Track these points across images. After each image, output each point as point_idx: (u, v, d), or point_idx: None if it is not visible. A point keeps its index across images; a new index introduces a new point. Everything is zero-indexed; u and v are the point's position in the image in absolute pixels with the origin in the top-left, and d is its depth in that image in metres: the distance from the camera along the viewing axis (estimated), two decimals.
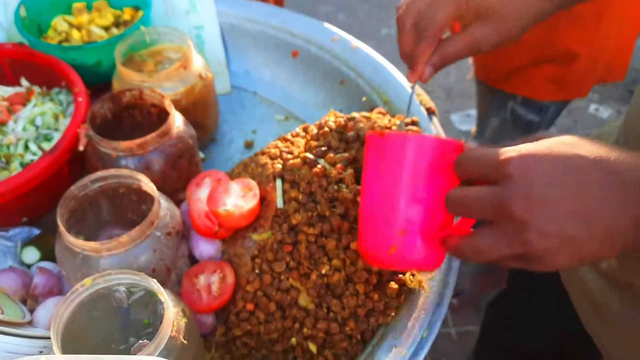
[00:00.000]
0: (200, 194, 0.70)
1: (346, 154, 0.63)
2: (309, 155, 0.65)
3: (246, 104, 0.93)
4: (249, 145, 0.87)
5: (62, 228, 0.59)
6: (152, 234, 0.61)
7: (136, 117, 0.76)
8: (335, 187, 0.61)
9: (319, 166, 0.63)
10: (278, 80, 0.95)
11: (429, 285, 0.62)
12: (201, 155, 0.77)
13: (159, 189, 0.64)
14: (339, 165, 0.62)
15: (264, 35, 0.95)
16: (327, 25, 0.94)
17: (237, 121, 0.90)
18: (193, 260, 0.69)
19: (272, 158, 0.69)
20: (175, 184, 0.72)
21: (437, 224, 0.48)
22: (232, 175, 0.74)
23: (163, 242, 0.62)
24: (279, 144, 0.72)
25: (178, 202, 0.72)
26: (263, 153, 0.71)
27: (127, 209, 0.70)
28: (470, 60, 2.48)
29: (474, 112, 2.29)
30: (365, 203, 0.51)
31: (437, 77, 2.44)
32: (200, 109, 0.80)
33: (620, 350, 0.63)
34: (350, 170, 0.62)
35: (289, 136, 0.72)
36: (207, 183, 0.72)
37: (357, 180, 0.62)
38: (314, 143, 0.67)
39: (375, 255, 0.50)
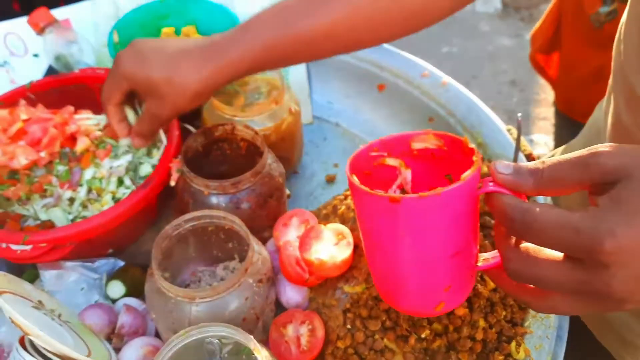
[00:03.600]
0: (288, 235, 0.68)
1: None
2: None
3: (328, 135, 0.90)
4: (330, 180, 0.84)
5: (156, 272, 0.57)
6: (244, 282, 0.58)
7: (225, 150, 0.74)
8: None
9: None
10: (361, 112, 0.92)
11: (537, 355, 0.58)
12: (287, 191, 0.75)
13: (246, 227, 0.62)
14: None
15: (348, 66, 0.92)
16: (416, 59, 0.90)
17: (318, 153, 0.88)
18: (278, 305, 0.66)
19: None
20: (263, 223, 0.70)
21: (475, 262, 0.44)
22: (320, 217, 0.71)
23: (255, 289, 0.59)
24: None
25: (263, 241, 0.70)
26: None
27: (213, 246, 0.68)
28: (537, 85, 2.41)
29: (536, 137, 2.21)
30: (394, 266, 0.45)
31: (500, 99, 2.38)
32: (288, 143, 0.78)
33: None
34: None
35: None
36: (294, 223, 0.69)
37: None
38: None
39: (419, 314, 0.48)
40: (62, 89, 0.77)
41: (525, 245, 0.38)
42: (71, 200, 0.67)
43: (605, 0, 1.22)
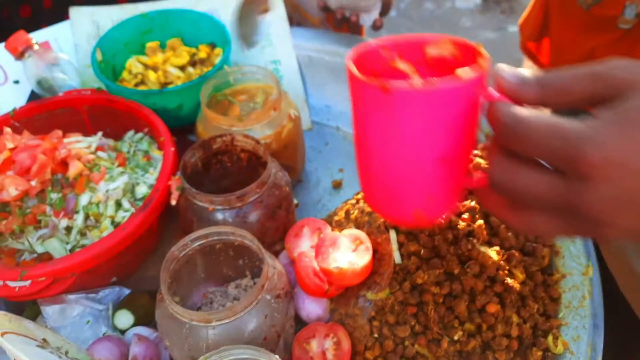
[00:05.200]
0: (301, 246, 0.64)
1: (472, 203, 0.57)
2: None
3: (330, 140, 0.87)
4: (337, 186, 0.81)
5: (166, 297, 0.53)
6: (262, 298, 0.55)
7: (225, 164, 0.71)
8: (466, 242, 0.54)
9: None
10: None
11: (576, 347, 0.55)
12: (295, 201, 0.72)
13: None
14: (465, 215, 0.56)
15: (343, 67, 0.89)
16: None
17: (322, 159, 0.85)
18: (297, 320, 0.63)
19: None
20: (273, 235, 0.66)
21: (463, 175, 0.41)
22: (332, 224, 0.68)
23: (273, 306, 0.56)
24: None
25: (275, 254, 0.66)
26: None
27: (223, 264, 0.65)
28: None
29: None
30: (374, 163, 0.42)
31: None
32: (290, 150, 0.75)
33: None
34: (480, 222, 0.55)
35: None
36: (306, 233, 0.66)
37: (489, 231, 0.55)
38: None
39: (393, 217, 0.45)
40: (48, 114, 0.74)
41: (514, 156, 0.35)
42: (68, 229, 0.63)
43: None
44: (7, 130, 0.68)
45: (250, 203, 0.63)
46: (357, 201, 0.67)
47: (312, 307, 0.61)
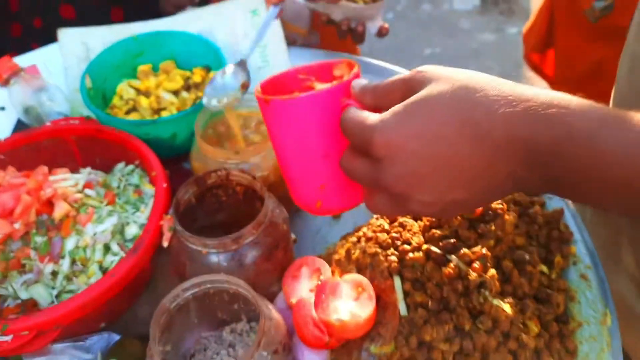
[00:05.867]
0: (300, 290, 0.61)
1: (483, 250, 0.53)
2: (435, 249, 0.55)
3: None
4: (336, 216, 0.77)
5: (155, 353, 0.50)
6: (258, 356, 0.52)
7: (220, 197, 0.67)
8: (477, 295, 0.51)
9: (452, 265, 0.53)
10: None
11: None
12: (292, 236, 0.68)
13: (252, 284, 0.55)
14: (476, 265, 0.52)
15: None
16: (400, 70, 0.84)
17: None
18: None
19: (383, 247, 0.59)
20: (270, 276, 0.63)
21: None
22: (331, 263, 0.65)
23: None
24: (384, 224, 0.62)
25: (272, 297, 0.63)
26: (369, 239, 0.61)
27: (217, 309, 0.61)
28: (525, 79, 2.37)
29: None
30: (281, 162, 0.50)
31: None
32: None
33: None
34: (492, 272, 0.52)
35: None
36: (304, 274, 0.63)
37: (501, 277, 0.52)
38: (436, 232, 0.57)
39: (307, 208, 0.52)
40: (34, 145, 0.70)
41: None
42: (54, 274, 0.59)
43: None
44: None
45: (246, 245, 0.59)
46: (359, 239, 0.63)
47: (311, 358, 0.57)
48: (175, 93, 0.79)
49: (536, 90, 0.39)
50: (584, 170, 0.37)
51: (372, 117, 0.41)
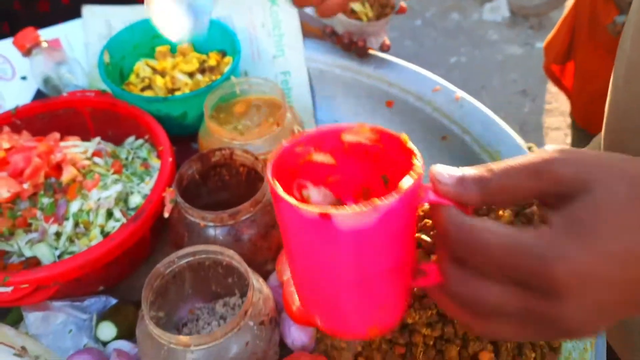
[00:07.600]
0: None
1: None
2: (425, 238, 0.56)
3: None
4: None
5: (147, 316, 0.52)
6: (244, 325, 0.53)
7: (223, 176, 0.69)
8: None
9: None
10: None
11: None
12: None
13: (247, 261, 0.57)
14: None
15: (356, 82, 0.87)
16: (426, 73, 0.85)
17: None
18: (282, 345, 0.60)
19: None
20: (265, 255, 0.64)
21: (410, 277, 0.38)
22: None
23: (256, 333, 0.54)
24: None
25: (265, 274, 0.64)
26: None
27: (211, 281, 0.63)
28: (549, 94, 2.35)
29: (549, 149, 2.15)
30: (321, 284, 0.39)
31: (510, 110, 2.32)
32: None
33: None
34: None
35: None
36: None
37: None
38: (428, 222, 0.58)
39: (347, 336, 0.44)
40: (50, 114, 0.73)
41: (469, 265, 0.33)
42: (57, 234, 0.62)
43: (621, 10, 1.16)
44: (6, 129, 0.68)
45: (243, 221, 0.61)
46: None
47: (297, 335, 0.59)
48: (190, 75, 0.82)
49: None
50: None
51: (529, 237, 0.30)
